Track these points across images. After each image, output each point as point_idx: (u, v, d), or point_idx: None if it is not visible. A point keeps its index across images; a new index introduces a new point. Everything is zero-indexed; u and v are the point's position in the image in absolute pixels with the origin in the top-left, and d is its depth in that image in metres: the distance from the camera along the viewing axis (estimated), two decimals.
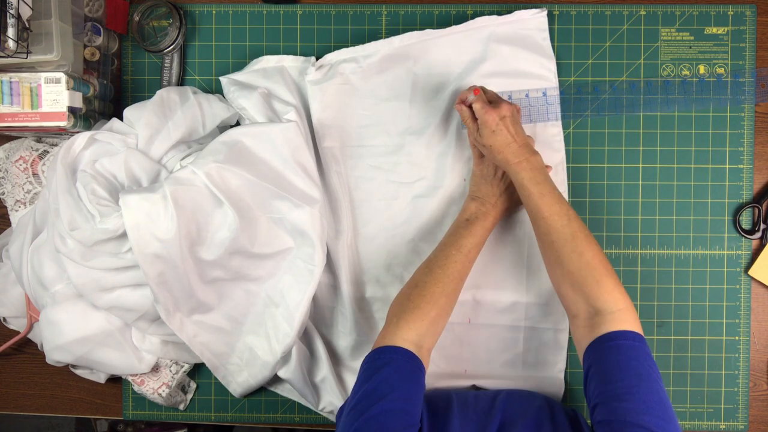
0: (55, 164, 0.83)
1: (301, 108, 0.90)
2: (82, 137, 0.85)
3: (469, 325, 0.92)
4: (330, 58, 0.92)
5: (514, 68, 0.91)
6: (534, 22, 0.91)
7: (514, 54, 0.91)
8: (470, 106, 0.84)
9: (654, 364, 0.70)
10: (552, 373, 0.92)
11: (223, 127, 0.92)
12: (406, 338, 0.76)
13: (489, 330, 0.92)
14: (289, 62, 0.93)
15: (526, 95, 0.92)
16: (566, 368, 0.93)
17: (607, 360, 0.71)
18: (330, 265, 0.92)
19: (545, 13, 0.91)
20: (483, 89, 0.84)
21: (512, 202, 0.88)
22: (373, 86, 0.92)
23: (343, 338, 0.93)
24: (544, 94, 0.92)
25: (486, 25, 0.91)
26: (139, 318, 0.86)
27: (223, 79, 0.92)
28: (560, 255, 0.78)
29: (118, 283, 0.82)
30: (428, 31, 0.92)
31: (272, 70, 0.92)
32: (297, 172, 0.85)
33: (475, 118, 0.83)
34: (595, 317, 0.74)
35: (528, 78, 0.92)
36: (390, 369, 0.73)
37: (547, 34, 0.92)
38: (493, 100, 0.83)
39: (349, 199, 0.93)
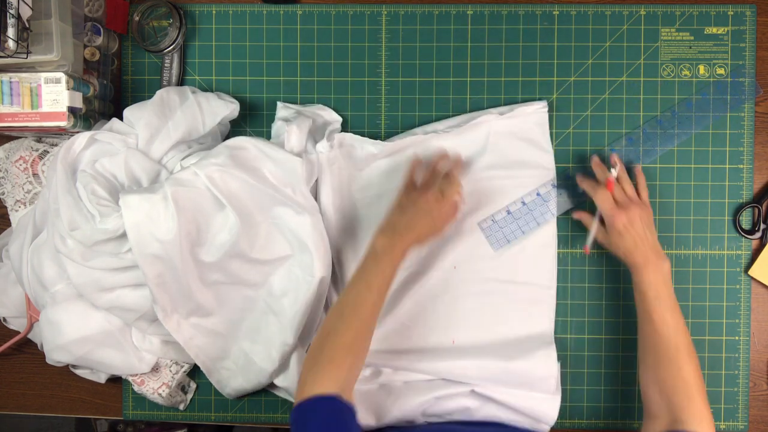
0: (55, 164, 0.83)
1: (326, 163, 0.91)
2: (82, 137, 0.85)
3: (453, 297, 0.91)
4: (342, 138, 0.92)
5: (513, 161, 0.92)
6: (534, 117, 0.92)
7: (514, 147, 0.92)
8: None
9: None
10: (540, 328, 0.91)
11: (223, 125, 0.92)
12: (325, 389, 0.73)
13: (472, 297, 0.92)
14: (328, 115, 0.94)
15: (523, 203, 0.92)
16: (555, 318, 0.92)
17: None
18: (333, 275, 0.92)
19: (546, 109, 0.92)
20: (617, 182, 0.87)
21: (422, 235, 0.84)
22: (374, 176, 0.93)
23: None
24: (539, 194, 0.92)
25: (487, 120, 0.92)
26: (139, 318, 0.86)
27: (280, 104, 0.94)
28: (658, 361, 0.80)
29: (117, 283, 0.82)
30: (430, 133, 0.92)
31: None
32: (294, 191, 0.85)
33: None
34: (676, 424, 0.76)
35: (526, 169, 0.92)
36: (315, 423, 0.70)
37: (546, 128, 0.92)
38: (622, 202, 0.85)
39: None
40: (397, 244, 0.81)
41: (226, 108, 0.89)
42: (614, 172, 0.87)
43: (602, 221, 0.87)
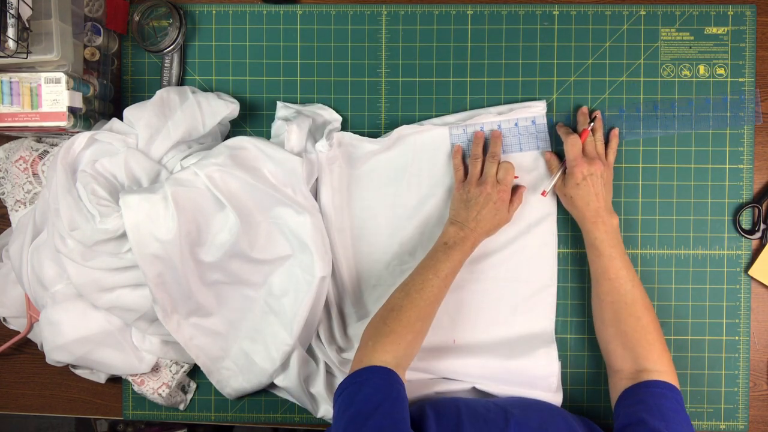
0: (55, 164, 0.83)
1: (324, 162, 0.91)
2: (82, 137, 0.85)
3: (454, 296, 0.91)
4: (341, 137, 0.92)
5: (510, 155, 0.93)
6: (536, 116, 0.92)
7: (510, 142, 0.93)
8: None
9: (692, 427, 0.74)
10: (541, 326, 0.91)
11: (223, 125, 0.92)
12: (382, 360, 0.76)
13: (472, 296, 0.92)
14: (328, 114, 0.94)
15: (516, 124, 0.92)
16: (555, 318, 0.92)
17: (650, 401, 0.75)
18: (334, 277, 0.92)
19: (545, 110, 0.92)
20: (593, 132, 0.88)
21: (491, 225, 0.87)
22: (374, 173, 0.93)
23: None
24: (534, 122, 0.92)
25: (485, 119, 0.92)
26: (139, 318, 0.85)
27: (279, 103, 0.94)
28: (618, 316, 0.82)
29: (117, 283, 0.82)
30: (428, 124, 0.93)
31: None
32: (295, 191, 0.86)
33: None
34: (640, 373, 0.79)
35: (526, 172, 0.93)
36: (369, 388, 0.73)
37: (544, 124, 0.92)
38: (589, 154, 0.86)
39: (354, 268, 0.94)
40: (469, 238, 0.85)
41: (226, 108, 0.89)
42: (592, 124, 0.89)
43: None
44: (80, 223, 0.80)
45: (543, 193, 0.89)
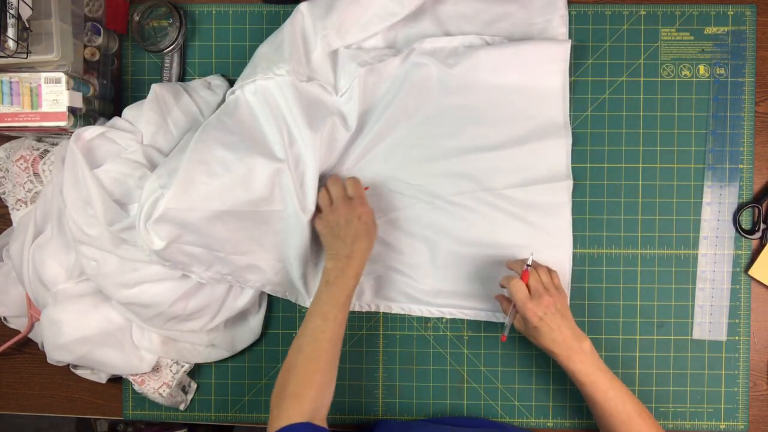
0: (72, 151, 0.82)
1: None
2: (92, 129, 0.84)
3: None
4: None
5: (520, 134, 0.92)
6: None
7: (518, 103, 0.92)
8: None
9: None
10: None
11: None
12: (291, 418, 0.74)
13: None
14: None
15: None
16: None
17: None
18: None
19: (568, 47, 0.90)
20: (533, 270, 0.84)
21: (366, 244, 0.83)
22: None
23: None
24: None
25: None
26: (156, 315, 0.85)
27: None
28: None
29: (141, 278, 0.82)
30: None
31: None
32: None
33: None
34: None
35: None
36: None
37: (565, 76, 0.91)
38: (537, 292, 0.82)
39: None
40: (348, 268, 0.81)
41: (217, 97, 0.90)
42: (529, 261, 0.85)
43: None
44: (115, 211, 0.80)
45: (503, 338, 0.86)
